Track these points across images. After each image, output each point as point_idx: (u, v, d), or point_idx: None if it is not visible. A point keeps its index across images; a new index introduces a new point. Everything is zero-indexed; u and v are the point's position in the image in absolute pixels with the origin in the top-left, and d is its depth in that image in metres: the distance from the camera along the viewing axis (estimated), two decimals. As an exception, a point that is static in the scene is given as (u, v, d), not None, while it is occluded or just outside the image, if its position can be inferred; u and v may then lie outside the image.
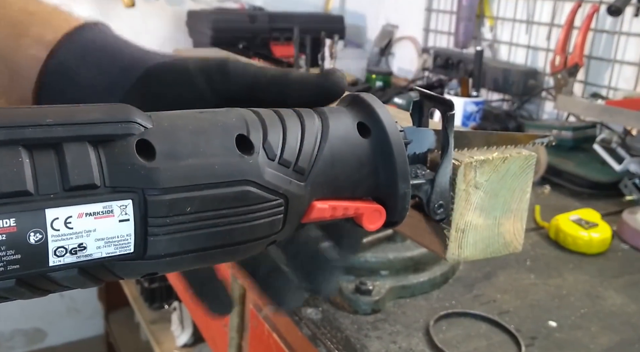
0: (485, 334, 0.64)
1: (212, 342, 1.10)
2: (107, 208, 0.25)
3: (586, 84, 1.35)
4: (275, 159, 0.30)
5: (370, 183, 0.33)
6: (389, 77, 1.70)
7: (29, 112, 0.25)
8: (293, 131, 0.31)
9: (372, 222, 0.33)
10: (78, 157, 0.25)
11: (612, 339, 0.64)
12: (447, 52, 1.65)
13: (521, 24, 1.51)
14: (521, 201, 0.40)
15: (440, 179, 0.36)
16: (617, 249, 0.86)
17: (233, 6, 2.00)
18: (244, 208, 0.28)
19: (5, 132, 0.24)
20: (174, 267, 0.28)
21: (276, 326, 0.73)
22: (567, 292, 0.73)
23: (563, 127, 1.24)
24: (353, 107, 0.34)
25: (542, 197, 1.05)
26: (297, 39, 1.62)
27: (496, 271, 0.77)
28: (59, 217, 0.24)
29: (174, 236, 0.27)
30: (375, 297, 0.66)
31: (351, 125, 0.33)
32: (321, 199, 0.32)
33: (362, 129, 0.33)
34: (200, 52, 0.99)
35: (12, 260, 0.24)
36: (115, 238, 0.26)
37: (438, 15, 1.79)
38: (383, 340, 0.62)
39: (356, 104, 0.34)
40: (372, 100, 0.34)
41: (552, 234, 0.87)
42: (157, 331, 1.76)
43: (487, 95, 1.55)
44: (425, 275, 0.72)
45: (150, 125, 0.27)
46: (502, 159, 0.38)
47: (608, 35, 1.30)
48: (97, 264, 0.26)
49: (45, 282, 0.26)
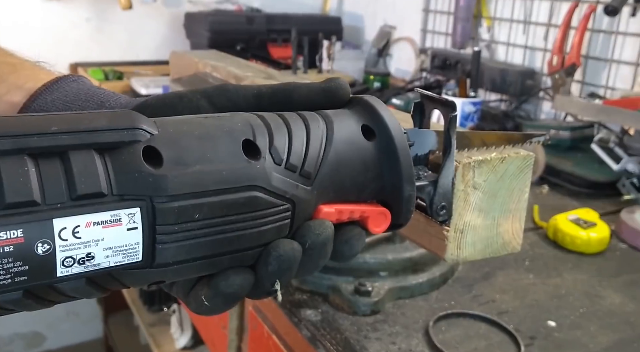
0: (484, 334, 0.64)
1: (212, 345, 1.10)
2: (115, 217, 0.25)
3: (584, 83, 1.35)
4: (282, 164, 0.29)
5: (375, 186, 0.33)
6: (386, 78, 1.70)
7: (33, 120, 0.25)
8: (298, 135, 0.30)
9: (377, 225, 0.33)
10: (84, 166, 0.24)
11: (611, 338, 0.64)
12: (444, 53, 1.65)
13: (518, 24, 1.51)
14: (519, 201, 0.40)
15: (443, 180, 0.36)
16: (615, 249, 0.86)
17: (230, 8, 2.00)
18: (252, 214, 0.28)
19: (11, 141, 0.23)
20: (181, 275, 0.28)
21: (275, 328, 0.73)
22: (565, 291, 0.73)
23: (561, 127, 1.24)
24: (357, 109, 0.34)
25: (541, 197, 1.05)
26: (294, 41, 1.62)
27: (495, 271, 0.78)
28: (66, 227, 0.24)
29: (183, 243, 0.27)
30: (375, 298, 0.66)
31: (355, 128, 0.32)
32: (327, 203, 0.31)
33: (367, 131, 0.33)
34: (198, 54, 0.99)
35: (20, 271, 0.23)
36: (124, 247, 0.25)
37: (435, 16, 1.79)
38: (382, 341, 0.62)
39: (360, 107, 0.34)
40: (376, 102, 0.33)
41: (550, 233, 0.87)
42: (156, 333, 1.76)
43: (485, 96, 1.55)
44: (424, 276, 0.72)
45: (156, 132, 0.27)
46: (500, 159, 0.38)
47: (605, 35, 1.31)
48: (104, 273, 0.26)
49: (52, 293, 0.25)
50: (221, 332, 0.97)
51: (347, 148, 0.32)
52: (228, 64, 0.80)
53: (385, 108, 0.33)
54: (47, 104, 0.36)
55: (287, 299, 0.70)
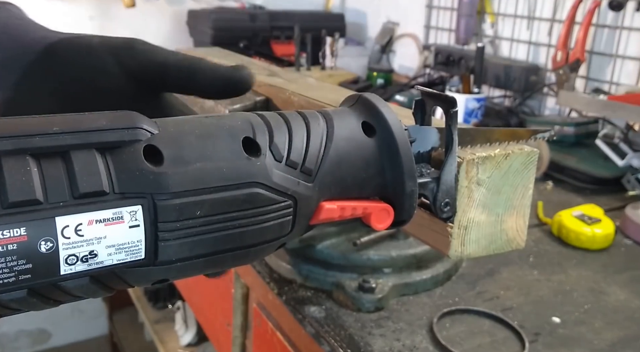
0: (488, 331, 0.64)
1: (216, 342, 1.10)
2: (117, 214, 0.25)
3: (588, 79, 1.35)
4: (283, 161, 0.30)
5: (377, 182, 0.33)
6: (390, 74, 1.70)
7: (35, 121, 0.25)
8: (299, 132, 0.31)
9: (380, 222, 0.33)
10: (86, 165, 0.25)
11: (616, 335, 0.64)
12: (448, 49, 1.64)
13: (522, 19, 1.51)
14: (524, 197, 0.40)
15: (445, 177, 0.36)
16: (620, 245, 0.86)
17: (233, 5, 2.00)
18: (254, 210, 0.28)
19: (13, 141, 0.24)
20: (184, 273, 0.28)
21: (280, 325, 0.73)
22: (570, 288, 0.73)
23: (565, 122, 1.24)
24: (357, 107, 0.34)
25: (545, 193, 1.05)
26: (297, 38, 1.62)
27: (499, 267, 0.77)
28: (69, 225, 0.24)
29: (185, 240, 0.27)
30: (379, 295, 0.66)
31: (356, 125, 0.33)
32: (329, 200, 0.32)
33: (367, 128, 0.33)
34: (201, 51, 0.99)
35: (24, 270, 0.23)
36: (126, 244, 0.26)
37: (439, 12, 1.79)
38: (387, 337, 0.62)
39: (360, 104, 0.34)
40: (376, 99, 0.34)
41: (555, 230, 0.87)
42: (161, 330, 1.77)
43: (489, 92, 1.55)
44: (428, 272, 0.72)
45: (157, 131, 0.27)
46: (504, 155, 0.38)
47: (610, 30, 1.30)
48: (108, 271, 0.26)
49: (56, 292, 0.26)
50: (225, 329, 0.98)
51: (347, 145, 0.32)
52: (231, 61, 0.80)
53: (385, 105, 0.33)
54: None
55: (291, 296, 0.70)
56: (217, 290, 1.01)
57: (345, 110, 0.34)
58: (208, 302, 1.10)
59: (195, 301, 1.24)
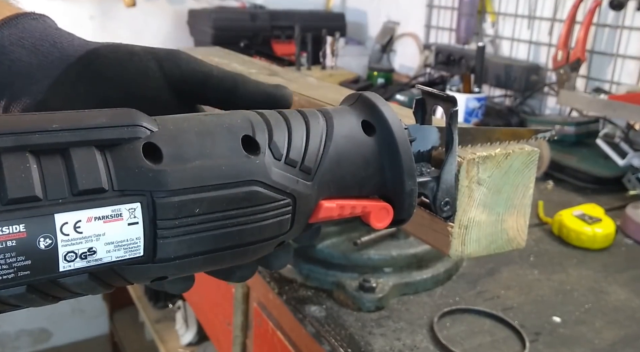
0: (489, 330, 0.64)
1: (217, 341, 1.10)
2: (116, 211, 0.25)
3: (589, 78, 1.35)
4: (282, 159, 0.30)
5: (376, 181, 0.33)
6: (390, 74, 1.70)
7: (35, 118, 0.25)
8: (298, 131, 0.31)
9: (379, 220, 0.33)
10: (85, 162, 0.25)
11: (616, 334, 0.64)
12: (448, 49, 1.64)
13: (523, 19, 1.51)
14: (524, 196, 0.40)
15: (445, 176, 0.36)
16: (620, 244, 0.86)
17: (234, 4, 2.00)
18: (252, 208, 0.28)
19: (13, 138, 0.24)
20: (183, 270, 0.28)
21: (280, 324, 0.73)
22: (571, 287, 0.73)
23: (566, 122, 1.24)
24: (357, 106, 0.34)
25: (545, 193, 1.05)
26: (298, 37, 1.62)
27: (500, 267, 0.77)
28: (68, 222, 0.24)
29: (183, 238, 0.27)
30: (379, 294, 0.66)
31: (356, 124, 0.33)
32: (328, 198, 0.32)
33: (367, 127, 0.33)
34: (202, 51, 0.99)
35: (23, 266, 0.24)
36: (125, 241, 0.26)
37: (439, 12, 1.79)
38: (387, 337, 0.62)
39: (360, 103, 0.34)
40: (376, 98, 0.34)
41: (555, 229, 0.87)
42: (161, 330, 1.77)
43: (489, 91, 1.55)
44: (428, 272, 0.72)
45: (156, 129, 0.27)
46: (505, 155, 0.38)
47: (610, 30, 1.30)
48: (107, 268, 0.26)
49: (55, 289, 0.26)
50: (226, 328, 0.98)
51: (347, 143, 0.32)
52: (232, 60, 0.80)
53: (384, 103, 0.33)
54: (2, 38, 0.35)
55: (292, 296, 0.70)
56: (217, 289, 1.01)
57: (345, 109, 0.34)
58: (208, 301, 1.10)
59: (196, 300, 1.24)
